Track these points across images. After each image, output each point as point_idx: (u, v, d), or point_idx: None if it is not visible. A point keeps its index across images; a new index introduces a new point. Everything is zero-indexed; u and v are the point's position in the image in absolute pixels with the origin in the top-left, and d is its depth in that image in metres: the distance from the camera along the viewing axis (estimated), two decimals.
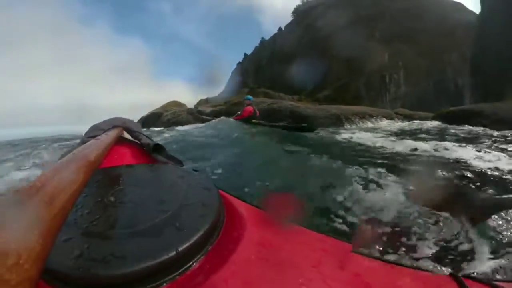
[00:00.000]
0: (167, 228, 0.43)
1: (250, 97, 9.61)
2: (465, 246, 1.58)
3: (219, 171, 2.77)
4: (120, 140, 0.99)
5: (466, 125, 12.67)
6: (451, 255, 1.51)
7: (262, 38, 73.32)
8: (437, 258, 1.47)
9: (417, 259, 1.42)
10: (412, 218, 1.82)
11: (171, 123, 22.76)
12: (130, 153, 0.93)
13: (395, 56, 48.88)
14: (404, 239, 1.58)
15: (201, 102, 34.90)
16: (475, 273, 1.34)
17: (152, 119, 25.39)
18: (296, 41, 61.46)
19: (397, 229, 1.68)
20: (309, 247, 0.41)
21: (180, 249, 0.39)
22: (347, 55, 52.65)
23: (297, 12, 69.51)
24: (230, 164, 3.15)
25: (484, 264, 1.41)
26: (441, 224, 1.79)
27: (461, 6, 51.51)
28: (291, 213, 0.47)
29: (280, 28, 71.94)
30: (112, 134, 0.93)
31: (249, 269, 0.37)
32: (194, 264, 0.39)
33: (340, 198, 2.13)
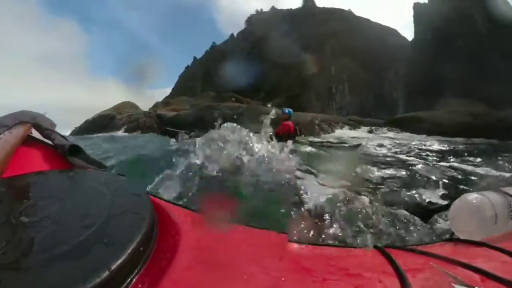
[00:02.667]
0: (94, 246, 0.36)
1: (290, 110, 7.21)
2: (381, 222, 1.92)
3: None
4: (28, 140, 0.81)
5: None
6: (372, 231, 1.76)
7: (214, 42, 72.85)
8: (362, 235, 1.70)
9: (345, 238, 1.64)
10: (337, 204, 2.08)
11: (130, 128, 20.15)
12: (41, 157, 0.76)
13: (340, 70, 54.35)
14: (331, 223, 1.79)
15: (158, 105, 31.95)
16: (394, 243, 1.62)
17: (101, 123, 22.21)
18: (247, 49, 62.27)
19: (326, 215, 1.87)
20: (248, 243, 0.40)
21: (113, 267, 0.33)
22: (298, 66, 56.34)
23: (250, 21, 71.36)
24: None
25: (397, 234, 1.77)
26: (359, 206, 2.13)
27: (396, 32, 61.07)
28: (227, 212, 0.43)
29: (232, 35, 72.90)
30: (18, 132, 0.78)
31: (191, 276, 0.36)
32: (132, 280, 0.35)
33: (276, 193, 2.35)
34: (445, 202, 2.53)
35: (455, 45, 32.01)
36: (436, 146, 11.10)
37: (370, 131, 21.93)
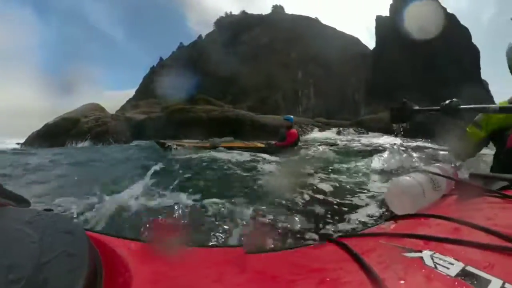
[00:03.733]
0: None
1: (291, 117, 7.29)
2: (331, 216, 2.22)
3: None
4: None
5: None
6: (324, 225, 2.02)
7: (181, 43, 71.08)
8: (315, 231, 1.90)
9: (300, 238, 1.79)
10: (286, 208, 2.26)
11: (97, 134, 18.68)
12: None
13: (307, 75, 56.65)
14: (285, 225, 1.95)
15: (126, 107, 30.22)
16: (344, 232, 1.72)
17: (63, 128, 20.12)
18: (216, 52, 61.86)
19: (277, 219, 2.04)
20: (206, 264, 0.39)
21: None
22: (266, 70, 57.42)
23: (219, 23, 70.26)
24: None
25: (345, 223, 2.05)
26: (307, 205, 2.33)
27: (358, 41, 64.43)
28: (178, 237, 0.41)
29: (200, 36, 71.34)
30: None
31: None
32: None
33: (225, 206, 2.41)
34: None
35: (412, 54, 35.14)
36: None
37: (339, 132, 23.03)
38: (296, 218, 2.14)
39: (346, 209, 2.51)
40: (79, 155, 8.76)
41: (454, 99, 1.06)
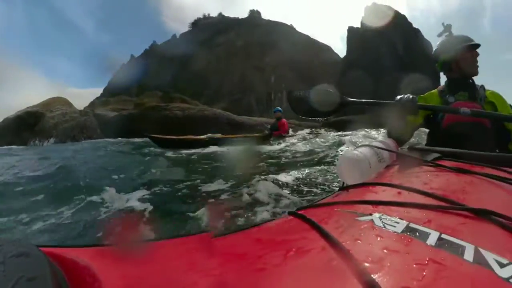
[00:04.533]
0: None
1: (279, 108, 7.85)
2: (291, 192, 2.40)
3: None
4: None
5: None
6: (286, 200, 2.18)
7: (154, 41, 69.37)
8: (277, 207, 2.06)
9: (264, 214, 1.92)
10: (243, 193, 2.38)
11: (66, 130, 17.41)
12: None
13: (279, 79, 57.58)
14: (250, 205, 2.06)
15: (95, 104, 28.67)
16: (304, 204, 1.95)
17: (25, 124, 18.52)
18: (190, 52, 61.20)
19: (242, 200, 2.16)
20: (176, 255, 0.39)
21: None
22: (240, 72, 57.98)
23: (196, 24, 69.91)
24: None
25: (305, 196, 2.26)
26: (272, 184, 2.54)
27: (330, 48, 66.87)
28: (141, 233, 0.45)
29: (174, 36, 70.45)
30: None
31: None
32: None
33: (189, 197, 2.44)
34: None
35: (380, 64, 37.71)
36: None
37: (311, 132, 23.99)
38: (261, 197, 2.25)
39: (306, 184, 2.70)
40: (46, 154, 7.44)
41: (412, 95, 1.11)
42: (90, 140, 15.07)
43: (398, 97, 1.11)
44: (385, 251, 0.30)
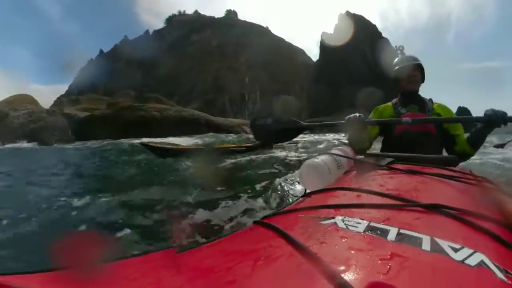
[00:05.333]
0: None
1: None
2: (255, 200, 2.41)
3: None
4: None
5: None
6: (251, 210, 2.18)
7: (125, 36, 66.10)
8: (242, 216, 2.05)
9: (229, 225, 1.90)
10: (216, 200, 2.36)
11: (33, 132, 15.19)
12: None
13: (253, 80, 58.43)
14: (214, 217, 2.03)
15: (63, 102, 26.91)
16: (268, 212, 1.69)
17: None
18: (163, 50, 59.58)
19: (206, 212, 2.12)
20: (140, 274, 0.35)
21: None
22: (214, 72, 57.47)
23: (171, 21, 68.46)
24: None
25: (270, 204, 2.31)
26: (238, 194, 2.52)
27: (303, 52, 69.35)
28: (97, 252, 0.34)
29: (147, 31, 68.81)
30: None
31: None
32: None
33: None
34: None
35: (349, 69, 39.86)
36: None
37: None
38: (227, 207, 2.23)
39: (270, 191, 2.70)
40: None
41: (359, 114, 1.18)
42: (65, 145, 13.48)
43: (347, 117, 1.19)
44: (350, 250, 0.31)
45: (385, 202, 0.47)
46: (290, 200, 2.19)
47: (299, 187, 2.71)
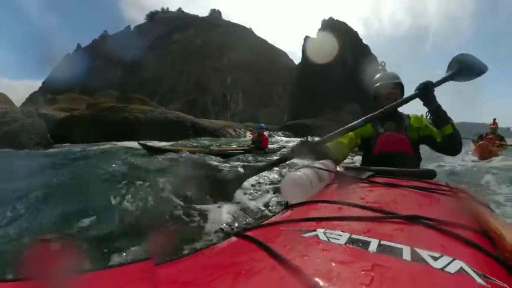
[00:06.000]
0: None
1: (262, 125, 8.77)
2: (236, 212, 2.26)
3: None
4: None
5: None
6: (232, 222, 2.09)
7: (105, 31, 64.16)
8: (222, 228, 1.94)
9: (208, 237, 1.81)
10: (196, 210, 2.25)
11: (7, 135, 14.56)
12: None
13: (236, 81, 58.23)
14: (191, 228, 1.93)
15: (38, 100, 25.47)
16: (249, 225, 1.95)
17: None
18: (145, 47, 58.25)
19: (176, 227, 2.00)
20: (116, 287, 0.34)
21: None
22: (196, 72, 56.93)
23: (153, 17, 66.70)
24: None
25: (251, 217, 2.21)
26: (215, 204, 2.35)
27: (286, 54, 69.79)
28: (72, 262, 0.33)
29: (128, 27, 66.90)
30: None
31: None
32: None
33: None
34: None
35: (332, 73, 40.95)
36: None
37: (270, 135, 25.14)
38: (206, 218, 2.14)
39: (252, 203, 2.64)
40: None
41: (316, 139, 1.19)
42: (44, 151, 12.13)
43: (291, 148, 1.18)
44: (332, 263, 0.32)
45: (365, 215, 0.48)
46: (272, 213, 2.10)
47: (280, 199, 2.60)
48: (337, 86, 40.09)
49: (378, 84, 1.50)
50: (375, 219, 0.46)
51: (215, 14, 67.66)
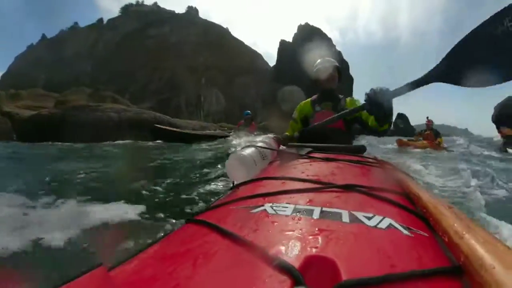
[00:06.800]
0: None
1: (249, 112, 9.25)
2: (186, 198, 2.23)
3: None
4: None
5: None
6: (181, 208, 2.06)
7: (75, 22, 60.38)
8: (173, 217, 1.84)
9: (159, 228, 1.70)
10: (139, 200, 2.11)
11: None
12: None
13: (210, 81, 58.05)
14: (139, 222, 1.80)
15: (1, 96, 23.47)
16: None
17: None
18: (117, 41, 56.25)
19: (122, 223, 1.80)
20: None
21: None
22: (170, 70, 55.88)
23: (126, 11, 64.50)
24: None
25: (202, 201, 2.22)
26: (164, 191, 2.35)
27: (261, 56, 70.04)
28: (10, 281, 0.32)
29: (101, 20, 63.01)
30: None
31: None
32: None
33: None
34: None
35: (303, 77, 42.57)
36: None
37: (247, 135, 25.76)
38: (156, 207, 2.06)
39: (201, 188, 2.60)
40: None
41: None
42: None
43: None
44: (283, 232, 0.34)
45: (307, 187, 0.53)
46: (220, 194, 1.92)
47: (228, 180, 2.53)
48: (308, 89, 41.79)
49: (318, 67, 1.62)
50: (316, 190, 0.50)
51: (192, 11, 66.51)
